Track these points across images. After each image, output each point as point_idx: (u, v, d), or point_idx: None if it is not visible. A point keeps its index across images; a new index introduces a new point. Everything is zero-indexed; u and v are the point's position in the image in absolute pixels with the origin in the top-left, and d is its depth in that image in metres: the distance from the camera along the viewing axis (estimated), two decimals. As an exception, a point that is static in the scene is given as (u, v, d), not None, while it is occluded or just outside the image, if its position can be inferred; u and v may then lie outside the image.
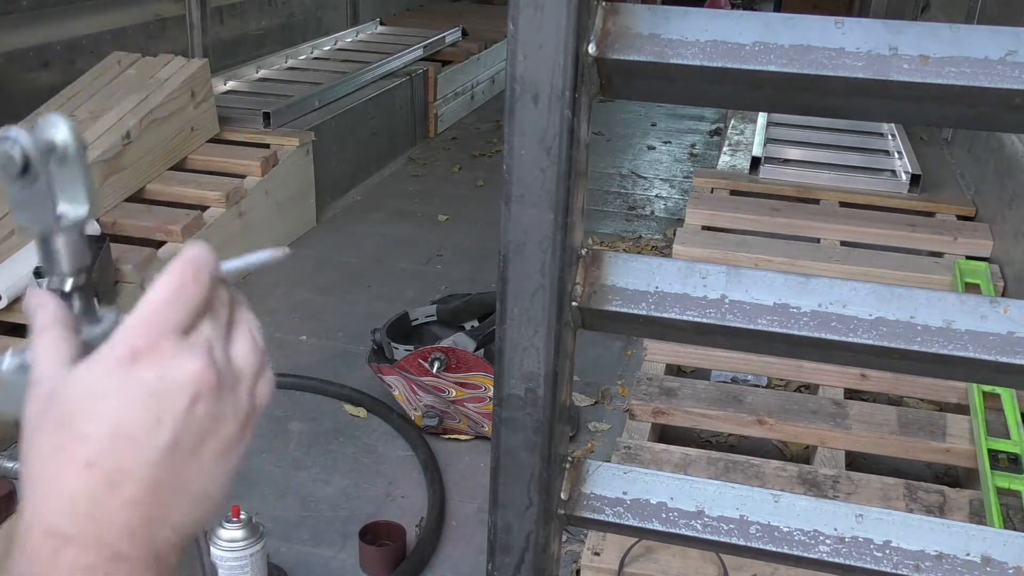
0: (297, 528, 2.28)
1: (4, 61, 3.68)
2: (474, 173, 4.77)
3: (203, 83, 3.72)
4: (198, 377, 0.50)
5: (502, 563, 0.91)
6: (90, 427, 0.49)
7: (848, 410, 2.38)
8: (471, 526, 2.31)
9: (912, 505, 2.04)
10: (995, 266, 2.93)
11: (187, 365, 0.50)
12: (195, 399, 0.50)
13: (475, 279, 3.50)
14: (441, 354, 2.54)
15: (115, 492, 0.49)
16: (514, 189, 0.78)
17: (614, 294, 0.84)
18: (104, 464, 0.49)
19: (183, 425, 0.50)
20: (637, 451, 2.21)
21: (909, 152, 3.66)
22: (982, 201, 3.34)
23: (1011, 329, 0.76)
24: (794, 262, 2.85)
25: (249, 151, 3.80)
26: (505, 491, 0.88)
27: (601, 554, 1.86)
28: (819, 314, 0.80)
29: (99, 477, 0.49)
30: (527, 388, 0.83)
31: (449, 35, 5.94)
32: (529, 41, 0.73)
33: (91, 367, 0.50)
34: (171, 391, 0.50)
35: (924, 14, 5.11)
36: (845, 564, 0.85)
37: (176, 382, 0.50)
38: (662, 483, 0.92)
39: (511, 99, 0.75)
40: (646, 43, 0.77)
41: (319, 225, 4.10)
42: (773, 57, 0.74)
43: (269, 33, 5.35)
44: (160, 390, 0.50)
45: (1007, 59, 0.70)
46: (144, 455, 0.49)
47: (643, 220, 4.33)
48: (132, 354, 0.50)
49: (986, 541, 0.85)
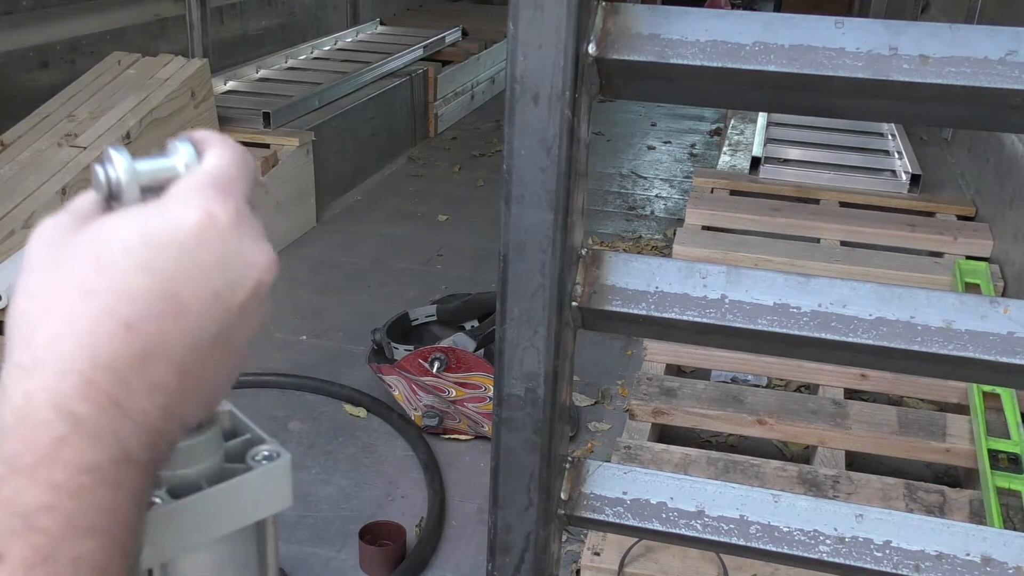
0: (297, 528, 2.28)
1: (4, 61, 3.68)
2: (474, 173, 4.77)
3: (203, 83, 3.72)
4: (268, 267, 0.44)
5: (502, 563, 0.91)
6: (141, 280, 0.40)
7: (848, 410, 2.38)
8: (471, 526, 2.31)
9: (912, 505, 2.04)
10: (995, 266, 2.93)
11: (263, 249, 0.44)
12: (258, 287, 0.44)
13: (475, 279, 3.51)
14: (441, 354, 2.54)
15: (143, 370, 0.40)
16: (514, 189, 0.78)
17: (614, 294, 0.84)
18: (143, 331, 0.39)
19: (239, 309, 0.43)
20: (637, 451, 2.21)
21: (909, 152, 3.66)
22: (982, 201, 3.34)
23: (1011, 329, 0.76)
24: (794, 262, 2.85)
25: (249, 151, 3.80)
26: (505, 491, 0.88)
27: (601, 554, 1.86)
28: (819, 314, 0.80)
29: (135, 345, 0.39)
30: (527, 388, 0.83)
31: (449, 35, 5.94)
32: (529, 41, 0.73)
33: (158, 216, 0.42)
34: (239, 267, 0.43)
35: (924, 14, 5.11)
36: (845, 564, 0.85)
37: (248, 260, 0.43)
38: (662, 483, 0.92)
39: (511, 99, 0.75)
40: (646, 43, 0.77)
41: (319, 225, 4.10)
42: (773, 57, 0.74)
43: (269, 33, 5.35)
44: (228, 264, 0.42)
45: (1007, 59, 0.70)
46: (189, 333, 0.41)
47: (643, 220, 4.33)
48: (206, 215, 0.42)
49: (986, 541, 0.85)
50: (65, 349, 0.38)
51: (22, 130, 3.29)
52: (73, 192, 3.03)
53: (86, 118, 3.34)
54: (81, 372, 0.38)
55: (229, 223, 0.42)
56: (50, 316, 0.39)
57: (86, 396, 0.38)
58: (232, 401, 0.53)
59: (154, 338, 0.40)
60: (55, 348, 0.39)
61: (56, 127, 3.29)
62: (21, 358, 0.39)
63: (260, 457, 0.52)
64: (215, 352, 0.43)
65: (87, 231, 0.42)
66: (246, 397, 2.70)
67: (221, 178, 0.44)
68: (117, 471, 0.38)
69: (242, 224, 0.43)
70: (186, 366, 0.41)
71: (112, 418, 0.39)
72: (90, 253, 0.41)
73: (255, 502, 0.51)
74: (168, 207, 0.42)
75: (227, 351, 0.43)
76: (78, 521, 0.37)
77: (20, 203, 2.91)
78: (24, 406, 0.38)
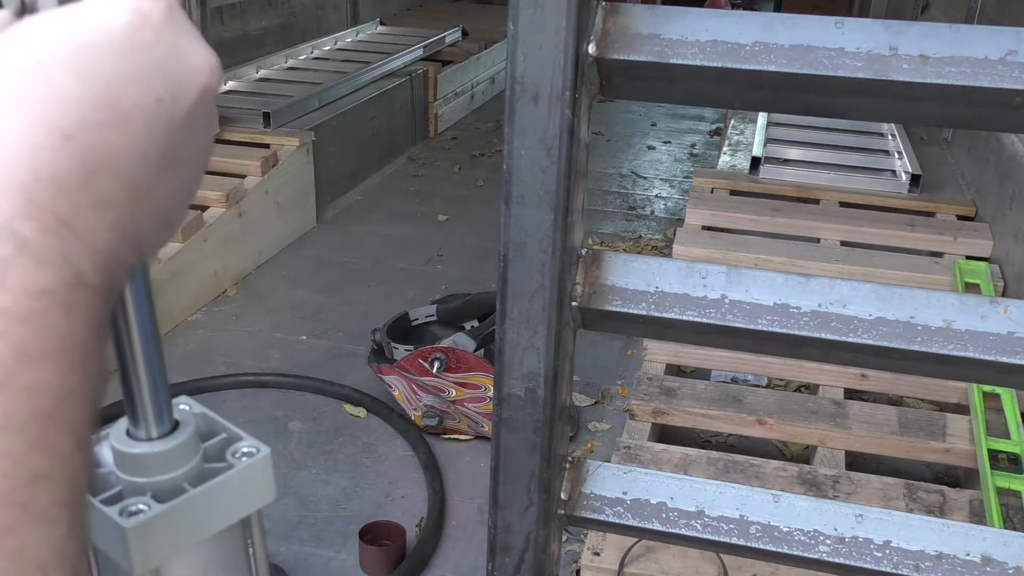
0: (297, 528, 2.28)
1: (4, 61, 3.68)
2: (474, 173, 4.77)
3: (203, 83, 3.72)
4: (211, 69, 0.41)
5: (502, 563, 0.91)
6: (75, 86, 0.36)
7: (848, 410, 2.38)
8: (471, 526, 2.31)
9: (912, 505, 2.04)
10: (995, 266, 2.93)
11: (202, 51, 0.41)
12: (204, 93, 0.41)
13: (475, 279, 3.51)
14: (441, 354, 2.54)
15: (89, 185, 0.36)
16: (514, 189, 0.78)
17: (614, 294, 0.84)
18: (84, 141, 0.36)
19: (184, 117, 0.40)
20: (637, 451, 2.21)
21: (909, 152, 3.66)
22: (982, 201, 3.34)
23: (1011, 329, 0.76)
24: (794, 262, 2.85)
25: (249, 151, 3.80)
26: (505, 491, 0.88)
27: (601, 554, 1.86)
28: (819, 314, 0.80)
29: (76, 156, 0.36)
30: (527, 388, 0.83)
31: (449, 35, 5.95)
32: (529, 41, 0.73)
33: (85, 17, 0.38)
34: (181, 70, 0.40)
35: (924, 14, 5.11)
36: (845, 564, 0.85)
37: (189, 63, 0.40)
38: (662, 483, 0.92)
39: (511, 99, 0.75)
40: (646, 43, 0.77)
41: (319, 225, 4.10)
42: (773, 57, 0.74)
43: (269, 33, 5.35)
44: (168, 67, 0.39)
45: (1007, 59, 0.70)
46: (134, 144, 0.38)
47: (643, 220, 4.33)
48: (138, 14, 0.39)
49: (986, 541, 0.85)
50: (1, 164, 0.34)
51: (22, 130, 3.29)
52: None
53: (86, 118, 3.34)
54: (22, 187, 0.34)
55: (163, 21, 0.39)
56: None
57: (29, 215, 0.34)
58: (232, 401, 0.54)
59: (96, 149, 0.36)
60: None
61: (56, 127, 3.29)
62: None
63: (240, 454, 0.53)
64: (165, 166, 0.39)
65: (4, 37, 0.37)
66: (246, 397, 2.70)
67: None
68: (70, 294, 0.35)
69: (178, 23, 0.40)
70: (134, 180, 0.38)
71: (60, 238, 0.35)
72: (14, 59, 0.36)
73: (240, 499, 0.53)
74: (94, 7, 0.38)
75: (178, 166, 0.41)
76: (30, 347, 0.34)
77: (20, 203, 2.90)
78: None
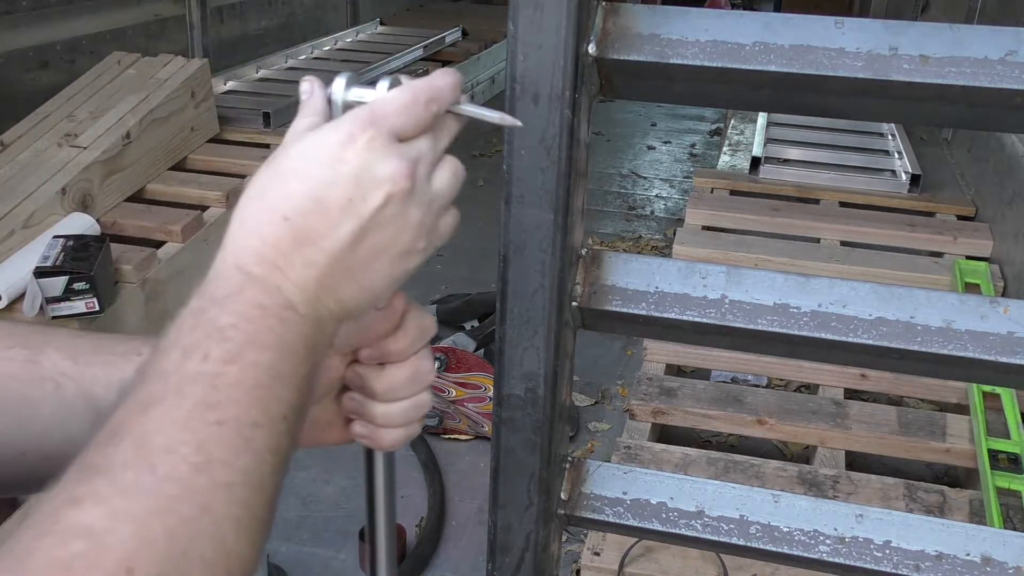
0: (297, 528, 2.28)
1: (4, 61, 3.68)
2: (474, 173, 4.74)
3: (203, 83, 3.72)
4: (397, 178, 0.56)
5: (502, 563, 0.91)
6: (296, 185, 0.56)
7: (848, 410, 2.38)
8: (471, 526, 2.31)
9: (912, 505, 2.04)
10: (995, 266, 2.93)
11: (391, 164, 0.56)
12: (388, 198, 0.56)
13: (475, 279, 3.50)
14: (441, 354, 2.54)
15: (299, 250, 0.55)
16: (514, 189, 0.78)
17: (614, 294, 0.84)
18: (297, 222, 0.55)
19: (370, 215, 0.56)
20: (637, 451, 2.21)
21: (909, 152, 3.66)
22: (982, 201, 3.34)
23: (1011, 329, 0.76)
24: (794, 262, 2.85)
25: (249, 151, 3.80)
26: (505, 491, 0.88)
27: (601, 554, 1.86)
28: (819, 314, 0.80)
29: (291, 232, 0.55)
30: (527, 388, 0.83)
31: (449, 35, 5.94)
32: (529, 41, 0.73)
33: (316, 136, 0.57)
34: (370, 181, 0.56)
35: (924, 14, 5.11)
36: (845, 564, 0.85)
37: (376, 176, 0.56)
38: (662, 483, 0.92)
39: (511, 99, 0.75)
40: (646, 43, 0.76)
41: (319, 225, 4.09)
42: (773, 57, 0.74)
43: (269, 33, 5.35)
44: (361, 177, 0.56)
45: (1007, 59, 0.70)
46: (331, 228, 0.56)
47: (643, 220, 4.33)
48: (349, 137, 0.56)
49: (986, 541, 0.85)
50: (245, 230, 0.56)
51: (22, 130, 3.29)
52: (73, 192, 3.03)
53: (86, 118, 3.34)
54: (254, 247, 0.55)
55: (365, 143, 0.56)
56: (242, 208, 0.57)
57: (258, 262, 0.55)
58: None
59: (304, 228, 0.55)
60: (240, 228, 0.56)
61: (56, 127, 3.29)
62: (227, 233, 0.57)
63: None
64: (356, 245, 0.56)
65: (283, 149, 0.58)
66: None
67: (376, 112, 0.57)
68: (281, 312, 0.55)
69: (375, 146, 0.56)
70: (332, 252, 0.56)
71: (276, 278, 0.55)
72: (275, 159, 0.57)
73: None
74: (326, 129, 0.57)
75: (369, 247, 0.57)
76: (254, 338, 0.53)
77: (20, 203, 2.90)
78: (221, 264, 0.56)
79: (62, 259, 2.51)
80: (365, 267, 0.58)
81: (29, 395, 0.66)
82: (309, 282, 0.56)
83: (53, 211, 2.94)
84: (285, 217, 0.55)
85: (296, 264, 0.55)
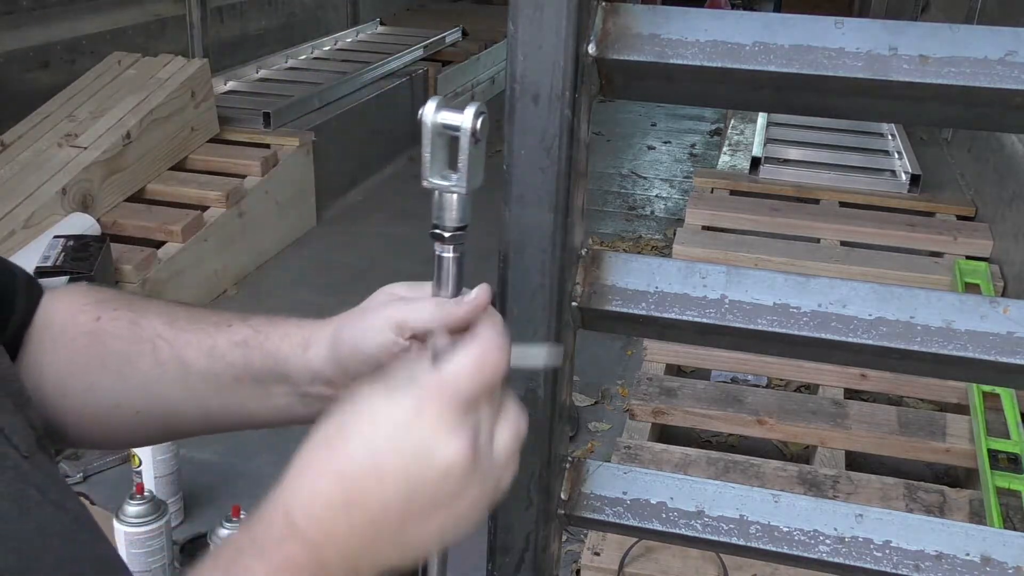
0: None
1: (4, 61, 3.68)
2: (474, 173, 4.76)
3: (203, 83, 3.72)
4: (457, 461, 0.55)
5: (502, 563, 0.91)
6: (357, 446, 0.55)
7: (848, 410, 2.38)
8: (471, 526, 2.31)
9: (912, 505, 2.04)
10: (995, 266, 2.93)
11: (453, 445, 0.55)
12: (446, 475, 0.55)
13: (475, 279, 3.50)
14: (441, 354, 2.53)
15: (347, 513, 0.55)
16: (514, 189, 0.78)
17: (614, 294, 0.84)
18: (349, 483, 0.55)
19: (424, 491, 0.55)
20: (637, 451, 2.21)
21: (909, 152, 3.66)
22: (982, 201, 3.34)
23: (1011, 329, 0.76)
24: (794, 262, 2.85)
25: (249, 151, 3.80)
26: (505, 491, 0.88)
27: (601, 554, 1.86)
28: (819, 314, 0.80)
29: (342, 493, 0.55)
30: (527, 388, 0.83)
31: (449, 35, 5.95)
32: (529, 41, 0.73)
33: (387, 399, 0.56)
34: (429, 460, 0.55)
35: (924, 14, 5.11)
36: (845, 564, 0.85)
37: (436, 456, 0.55)
38: (662, 483, 0.92)
39: (511, 99, 0.75)
40: (646, 43, 0.76)
41: (319, 225, 4.10)
42: (773, 57, 0.74)
43: (269, 33, 5.35)
44: (421, 453, 0.55)
45: (1007, 59, 0.70)
46: (383, 496, 0.55)
47: (643, 220, 4.33)
48: (417, 410, 0.55)
49: (986, 541, 0.85)
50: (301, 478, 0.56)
51: (22, 130, 3.29)
52: (73, 192, 3.03)
53: (86, 118, 3.34)
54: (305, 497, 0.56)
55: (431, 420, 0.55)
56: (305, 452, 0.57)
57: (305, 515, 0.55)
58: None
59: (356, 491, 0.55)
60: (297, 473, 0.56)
61: (56, 127, 3.29)
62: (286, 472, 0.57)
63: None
64: (411, 519, 0.56)
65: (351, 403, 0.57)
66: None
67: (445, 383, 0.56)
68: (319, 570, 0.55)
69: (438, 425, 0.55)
70: (379, 522, 0.55)
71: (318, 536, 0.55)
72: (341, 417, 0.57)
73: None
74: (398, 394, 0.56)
75: (426, 521, 0.56)
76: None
77: (20, 203, 2.91)
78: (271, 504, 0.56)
79: (62, 259, 2.52)
80: (411, 532, 0.57)
81: (130, 353, 0.72)
82: (350, 547, 0.55)
83: (53, 211, 2.94)
84: (341, 475, 0.55)
85: (341, 525, 0.55)
